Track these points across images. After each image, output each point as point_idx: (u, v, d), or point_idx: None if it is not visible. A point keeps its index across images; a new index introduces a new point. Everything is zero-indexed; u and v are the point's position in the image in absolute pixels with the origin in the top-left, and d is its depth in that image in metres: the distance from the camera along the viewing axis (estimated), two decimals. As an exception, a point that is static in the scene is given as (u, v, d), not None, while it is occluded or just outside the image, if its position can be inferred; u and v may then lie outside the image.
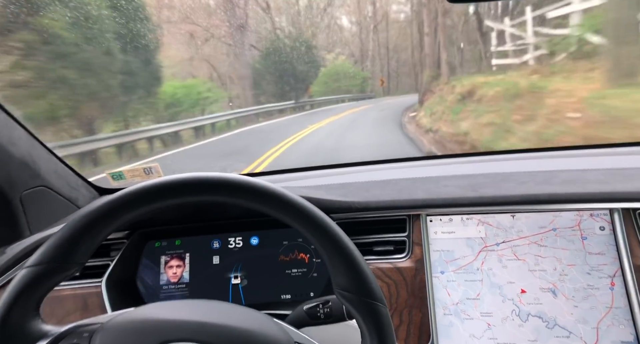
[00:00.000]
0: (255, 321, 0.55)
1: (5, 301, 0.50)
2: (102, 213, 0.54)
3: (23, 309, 0.51)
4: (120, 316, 0.54)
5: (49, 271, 0.52)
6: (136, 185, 0.55)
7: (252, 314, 0.57)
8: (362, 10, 32.20)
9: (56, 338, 0.52)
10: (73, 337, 0.51)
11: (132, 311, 0.56)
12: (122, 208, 0.54)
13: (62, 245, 0.52)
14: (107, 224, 0.54)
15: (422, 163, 1.30)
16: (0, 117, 0.90)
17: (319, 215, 0.56)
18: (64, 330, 0.53)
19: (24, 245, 0.91)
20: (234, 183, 0.55)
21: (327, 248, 0.55)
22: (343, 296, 0.55)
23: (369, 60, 31.64)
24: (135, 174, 1.29)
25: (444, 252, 0.88)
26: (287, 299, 0.91)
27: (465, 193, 0.90)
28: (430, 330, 0.84)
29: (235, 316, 0.55)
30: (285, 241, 0.95)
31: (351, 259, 0.55)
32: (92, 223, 0.54)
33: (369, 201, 0.92)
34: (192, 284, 0.93)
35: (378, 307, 0.54)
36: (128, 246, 0.93)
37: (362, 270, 0.55)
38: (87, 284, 0.90)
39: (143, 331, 0.51)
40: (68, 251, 0.53)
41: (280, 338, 0.54)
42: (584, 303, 0.80)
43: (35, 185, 1.01)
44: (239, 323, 0.54)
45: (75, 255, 0.53)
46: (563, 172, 0.97)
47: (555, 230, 0.85)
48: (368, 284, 0.54)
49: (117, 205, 0.54)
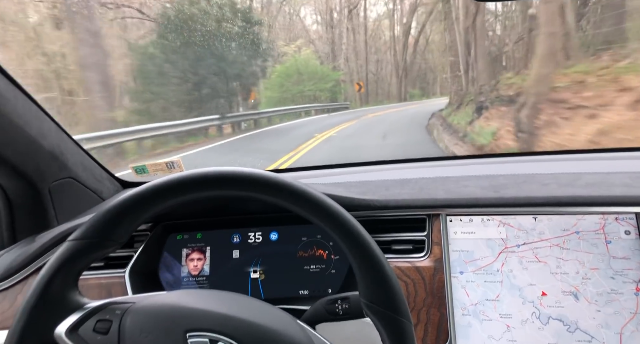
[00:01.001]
0: (280, 321, 0.56)
1: (49, 270, 0.53)
2: (147, 196, 0.56)
3: (64, 280, 0.54)
4: (151, 298, 0.56)
5: (90, 246, 0.55)
6: (180, 174, 0.57)
7: (277, 314, 0.58)
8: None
9: (91, 311, 0.54)
10: (106, 313, 0.54)
11: (162, 295, 0.58)
12: (165, 193, 0.57)
13: (105, 223, 0.55)
14: (149, 207, 0.57)
15: (442, 163, 1.30)
16: (32, 110, 0.93)
17: (353, 223, 0.57)
18: (98, 305, 0.55)
19: (53, 234, 0.94)
20: (278, 184, 0.57)
21: (358, 257, 0.56)
22: (369, 307, 0.56)
23: (344, 58, 24.12)
24: (158, 168, 1.31)
25: (463, 252, 0.88)
26: (305, 294, 0.92)
27: (486, 194, 0.89)
28: (449, 330, 0.83)
29: (261, 313, 0.56)
30: (304, 238, 0.96)
31: (382, 272, 0.55)
32: (135, 204, 0.56)
33: (388, 199, 0.92)
34: (213, 277, 0.95)
35: (404, 324, 0.54)
36: (151, 238, 0.95)
37: (392, 285, 0.55)
38: (112, 274, 0.93)
39: (171, 316, 0.53)
40: (109, 229, 0.56)
41: (302, 342, 0.54)
42: (607, 308, 0.79)
43: (63, 177, 1.04)
44: (263, 320, 0.55)
45: (115, 234, 0.56)
46: (587, 175, 0.96)
47: (579, 233, 0.84)
48: (396, 299, 0.55)
49: (162, 190, 0.57)
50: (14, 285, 0.92)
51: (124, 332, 0.52)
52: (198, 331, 0.51)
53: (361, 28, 26.57)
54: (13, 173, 0.94)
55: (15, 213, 1.01)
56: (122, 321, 0.53)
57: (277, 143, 8.85)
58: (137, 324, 0.52)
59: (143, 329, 0.52)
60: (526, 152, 1.23)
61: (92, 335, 0.52)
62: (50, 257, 0.55)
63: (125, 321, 0.52)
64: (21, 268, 0.92)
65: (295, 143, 8.23)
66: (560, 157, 1.23)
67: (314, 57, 21.94)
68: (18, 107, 0.88)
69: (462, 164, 1.28)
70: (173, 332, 0.51)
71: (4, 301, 0.91)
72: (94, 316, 0.54)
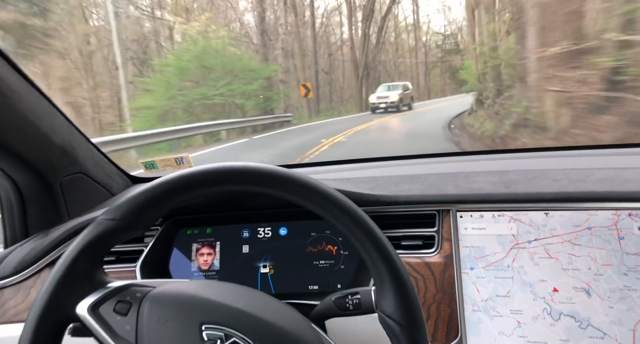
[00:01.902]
0: (295, 323, 0.57)
1: (78, 246, 0.55)
2: (179, 184, 0.57)
3: (91, 257, 0.55)
4: (172, 285, 0.58)
5: (120, 228, 0.56)
6: (210, 165, 0.58)
7: (293, 315, 0.58)
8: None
9: (113, 291, 0.55)
10: (127, 294, 0.55)
11: (184, 283, 0.59)
12: (197, 183, 0.58)
13: (137, 206, 0.57)
14: (179, 195, 0.58)
15: (452, 159, 1.29)
16: (44, 105, 0.94)
17: (377, 232, 0.57)
18: (121, 285, 0.56)
19: (64, 228, 0.95)
20: (301, 182, 0.58)
21: (378, 268, 0.56)
22: (386, 322, 0.55)
23: (281, 48, 14.13)
24: (167, 164, 1.32)
25: (473, 248, 0.87)
26: (314, 290, 0.92)
27: (497, 190, 0.89)
28: (459, 326, 0.83)
29: (277, 313, 0.57)
30: (313, 233, 0.96)
31: (403, 287, 0.55)
32: (168, 191, 0.57)
33: (398, 195, 0.92)
34: (222, 272, 0.95)
35: (421, 343, 0.54)
36: (161, 233, 0.96)
37: (412, 301, 0.55)
38: (123, 268, 0.94)
39: (189, 306, 0.54)
40: (140, 212, 0.57)
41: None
42: (620, 304, 0.78)
43: (74, 172, 1.05)
44: (279, 321, 0.55)
45: (144, 218, 0.58)
46: (599, 170, 0.95)
47: (591, 229, 0.83)
48: (415, 317, 0.54)
49: (195, 180, 0.58)
50: (27, 278, 0.93)
51: (142, 317, 0.53)
52: (213, 324, 0.52)
53: (307, 8, 16.84)
54: (26, 168, 0.95)
55: (28, 207, 1.02)
56: (141, 305, 0.54)
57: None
58: (155, 310, 0.53)
59: (160, 316, 0.52)
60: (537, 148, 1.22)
61: (112, 315, 0.53)
62: (80, 234, 0.55)
63: (144, 306, 0.53)
64: (34, 262, 0.93)
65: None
66: (571, 153, 1.22)
67: (233, 42, 13.18)
68: (31, 102, 0.89)
69: (472, 160, 1.27)
70: (189, 322, 0.52)
71: (18, 295, 0.92)
72: (115, 296, 0.55)
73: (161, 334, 0.51)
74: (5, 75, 0.82)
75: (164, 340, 0.51)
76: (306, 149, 8.04)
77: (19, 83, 0.86)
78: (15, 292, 0.93)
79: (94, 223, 0.56)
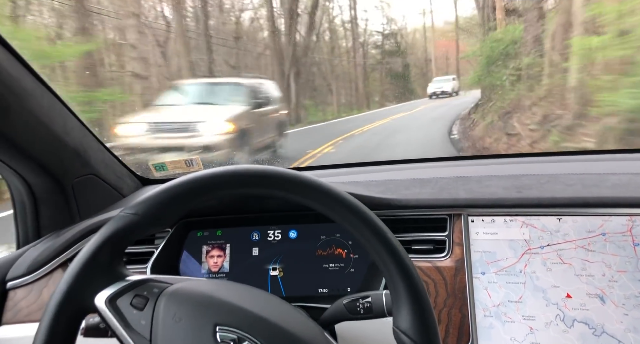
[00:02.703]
0: (310, 332, 0.57)
1: (101, 237, 0.55)
2: (203, 184, 0.58)
3: (112, 249, 0.56)
4: (189, 283, 0.58)
5: (142, 222, 0.56)
6: (231, 167, 0.58)
7: (307, 323, 0.59)
8: None
9: (131, 284, 0.56)
10: (144, 289, 0.56)
11: (201, 282, 0.60)
12: (221, 184, 0.58)
13: (161, 203, 0.57)
14: (203, 195, 0.58)
15: (463, 163, 1.28)
16: (56, 107, 0.95)
17: (395, 243, 0.57)
18: (139, 279, 0.57)
19: (76, 229, 0.95)
20: (318, 187, 0.58)
21: (396, 283, 0.56)
22: (400, 337, 0.55)
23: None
24: (177, 166, 1.33)
25: (485, 253, 0.86)
26: (324, 293, 0.92)
27: (509, 194, 0.88)
28: (470, 331, 0.82)
29: (291, 319, 0.57)
30: (323, 236, 0.95)
31: (420, 304, 0.54)
32: (191, 190, 0.58)
33: (409, 198, 0.91)
34: (232, 274, 0.95)
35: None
36: (172, 235, 0.96)
37: (429, 320, 0.54)
38: (134, 270, 0.94)
39: (204, 307, 0.54)
40: (164, 209, 0.57)
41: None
42: (635, 311, 0.77)
43: (85, 173, 1.06)
44: (293, 327, 0.55)
45: (167, 215, 0.58)
46: (613, 175, 0.94)
47: (605, 234, 0.82)
48: (432, 335, 0.54)
49: (219, 180, 0.58)
50: (39, 278, 0.94)
51: (158, 313, 0.53)
52: (227, 326, 0.52)
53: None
54: (38, 169, 0.96)
55: (40, 208, 1.03)
56: (157, 301, 0.54)
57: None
58: (171, 307, 0.53)
59: (176, 314, 0.53)
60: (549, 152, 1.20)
61: (129, 308, 0.53)
62: (103, 226, 0.56)
63: (161, 302, 0.54)
64: (46, 263, 0.94)
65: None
66: (585, 158, 1.21)
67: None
68: (44, 104, 0.90)
69: (483, 164, 1.26)
70: (203, 322, 0.52)
71: (30, 295, 0.93)
72: (133, 290, 0.55)
73: (175, 332, 0.52)
74: (18, 75, 0.83)
75: (178, 338, 0.51)
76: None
77: (32, 85, 0.87)
78: (27, 292, 0.93)
79: (117, 216, 0.56)
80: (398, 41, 22.26)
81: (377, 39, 22.49)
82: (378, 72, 22.12)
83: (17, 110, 0.84)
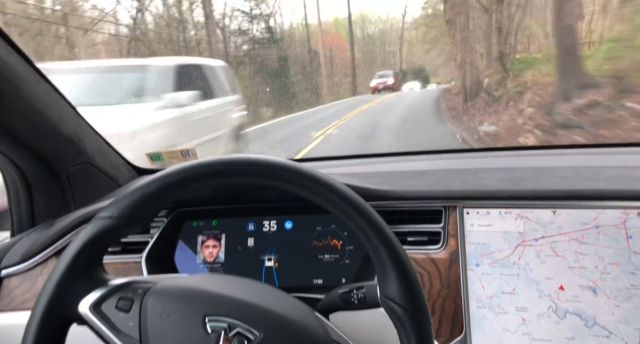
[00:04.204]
0: (299, 312, 0.57)
1: (77, 245, 0.54)
2: (174, 180, 0.57)
3: (90, 255, 0.55)
4: (173, 280, 0.57)
5: (118, 225, 0.56)
6: (204, 160, 0.58)
7: (295, 303, 0.58)
8: None
9: (114, 288, 0.55)
10: (128, 291, 0.55)
11: (184, 278, 0.59)
12: (190, 178, 0.57)
13: (134, 204, 0.56)
14: (176, 190, 0.57)
15: (459, 155, 1.28)
16: (51, 95, 0.94)
17: (377, 218, 0.57)
18: (122, 282, 0.56)
19: (71, 218, 0.95)
20: (301, 173, 0.57)
21: (380, 253, 0.56)
22: (389, 305, 0.55)
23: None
24: (173, 156, 1.32)
25: (479, 245, 0.87)
26: (319, 284, 0.92)
27: (505, 187, 0.88)
28: (463, 322, 0.83)
29: (279, 302, 0.57)
30: (318, 227, 0.96)
31: (404, 270, 0.55)
32: (164, 186, 0.57)
33: (404, 190, 0.92)
34: (227, 264, 0.95)
35: (424, 324, 0.54)
36: (167, 225, 0.96)
37: (413, 284, 0.55)
38: (128, 259, 0.94)
39: (191, 300, 0.54)
40: (138, 210, 0.56)
41: (320, 334, 0.55)
42: (626, 303, 0.78)
43: (80, 162, 1.05)
44: (281, 309, 0.55)
45: (143, 215, 0.57)
46: (608, 169, 0.94)
47: (598, 227, 0.82)
48: (418, 299, 0.55)
49: (188, 175, 0.57)
50: (33, 267, 0.94)
51: (145, 312, 0.52)
52: (217, 316, 0.52)
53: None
54: (33, 157, 0.95)
55: (35, 196, 1.02)
56: (143, 301, 0.53)
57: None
58: (158, 305, 0.53)
59: (163, 311, 0.52)
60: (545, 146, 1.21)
61: (114, 312, 0.53)
62: (79, 233, 0.55)
63: (147, 302, 0.53)
64: (40, 251, 0.94)
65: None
66: (580, 151, 1.21)
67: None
68: (38, 91, 0.89)
69: (479, 156, 1.26)
70: (192, 315, 0.52)
71: (24, 283, 0.93)
72: (116, 293, 0.54)
73: (165, 329, 0.51)
74: (13, 63, 0.83)
75: (168, 334, 0.51)
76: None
77: (26, 72, 0.86)
78: (22, 280, 0.93)
79: (92, 221, 0.55)
80: (270, 26, 15.34)
81: (243, 22, 14.59)
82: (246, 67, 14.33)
83: (11, 97, 0.83)
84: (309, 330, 0.54)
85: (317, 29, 14.90)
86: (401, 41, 14.19)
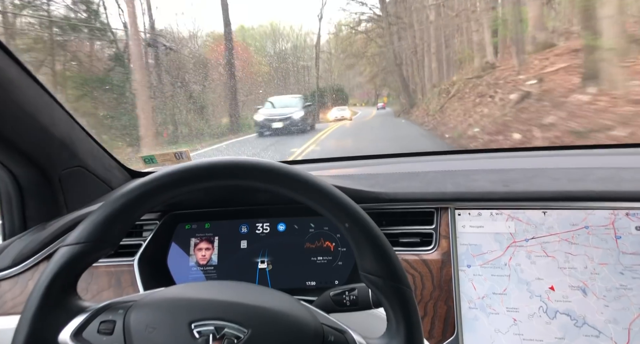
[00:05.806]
0: (282, 302, 0.56)
1: (47, 277, 0.53)
2: (136, 195, 0.56)
3: (62, 285, 0.54)
4: (153, 295, 0.56)
5: (87, 250, 0.54)
6: (166, 169, 0.57)
7: (279, 296, 0.58)
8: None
9: (93, 313, 0.54)
10: (109, 313, 0.54)
11: (163, 291, 0.58)
12: (154, 190, 0.56)
13: (99, 225, 0.55)
14: (141, 206, 0.56)
15: (451, 157, 1.29)
16: (43, 98, 0.94)
17: (345, 199, 0.57)
18: (100, 306, 0.55)
19: (62, 222, 0.95)
20: (266, 168, 0.57)
21: (353, 231, 0.56)
22: (368, 279, 0.56)
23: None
24: (166, 158, 1.32)
25: (471, 246, 0.87)
26: (312, 286, 0.93)
27: (496, 188, 0.89)
28: (455, 323, 0.83)
29: (263, 297, 0.57)
30: (311, 229, 0.96)
31: (377, 242, 0.56)
32: (127, 203, 0.55)
33: (397, 192, 0.92)
34: (221, 267, 0.95)
35: (404, 290, 0.55)
36: (160, 227, 0.96)
37: (388, 254, 0.56)
38: (121, 262, 0.94)
39: (174, 309, 0.53)
40: (104, 231, 0.55)
41: (307, 319, 0.55)
42: (615, 303, 0.78)
43: (73, 165, 1.05)
44: (267, 303, 0.55)
45: (110, 235, 0.56)
46: (598, 170, 0.95)
47: (588, 227, 0.83)
48: (394, 267, 0.55)
49: (151, 188, 0.56)
50: (25, 271, 0.93)
51: (129, 330, 0.51)
52: (202, 321, 0.52)
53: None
54: (25, 160, 0.95)
55: (26, 200, 1.02)
56: (125, 319, 0.52)
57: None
58: (142, 320, 0.52)
59: (148, 325, 0.52)
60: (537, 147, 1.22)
61: (97, 337, 0.52)
62: (47, 264, 0.54)
63: (129, 319, 0.52)
64: (32, 255, 0.93)
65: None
66: (570, 152, 1.22)
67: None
68: (30, 95, 0.89)
69: (471, 158, 1.27)
70: (178, 324, 0.51)
71: (16, 287, 0.92)
72: (96, 318, 0.53)
73: (152, 342, 0.51)
74: (4, 66, 0.82)
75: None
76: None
77: (18, 76, 0.86)
78: (12, 284, 0.93)
79: (58, 251, 0.54)
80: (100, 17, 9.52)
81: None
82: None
83: (2, 100, 0.83)
84: (296, 318, 0.54)
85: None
86: (317, 50, 13.73)
